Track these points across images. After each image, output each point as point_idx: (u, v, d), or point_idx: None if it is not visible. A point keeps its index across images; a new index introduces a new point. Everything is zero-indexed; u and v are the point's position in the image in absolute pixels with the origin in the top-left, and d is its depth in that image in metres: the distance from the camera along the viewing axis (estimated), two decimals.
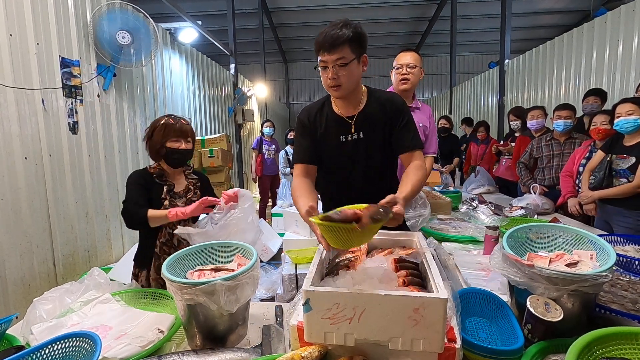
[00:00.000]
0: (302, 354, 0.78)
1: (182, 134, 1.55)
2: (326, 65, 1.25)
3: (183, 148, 1.55)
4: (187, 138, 1.57)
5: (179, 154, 1.55)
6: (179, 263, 1.08)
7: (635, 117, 2.07)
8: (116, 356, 0.91)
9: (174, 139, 1.53)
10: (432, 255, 0.99)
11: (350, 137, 1.38)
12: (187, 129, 1.57)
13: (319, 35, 1.24)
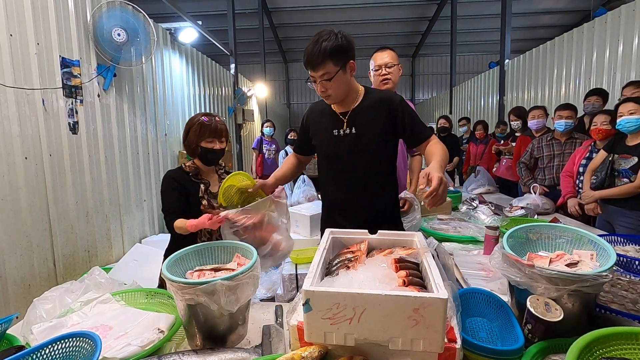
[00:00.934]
0: (302, 354, 0.78)
1: (216, 134, 1.56)
2: (314, 79, 1.33)
3: (217, 148, 1.57)
4: (221, 138, 1.58)
5: (213, 153, 1.57)
6: (178, 263, 1.08)
7: (638, 116, 2.06)
8: (116, 356, 0.91)
9: (208, 139, 1.55)
10: (432, 255, 0.99)
11: (343, 132, 1.44)
12: (221, 129, 1.58)
13: (304, 52, 1.30)
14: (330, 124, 1.46)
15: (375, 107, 1.43)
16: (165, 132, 4.13)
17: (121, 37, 2.89)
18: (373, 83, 2.13)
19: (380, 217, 1.50)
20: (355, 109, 1.43)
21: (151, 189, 3.77)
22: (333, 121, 1.46)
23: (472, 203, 2.63)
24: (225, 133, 1.61)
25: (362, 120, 1.42)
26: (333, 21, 9.92)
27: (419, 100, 13.88)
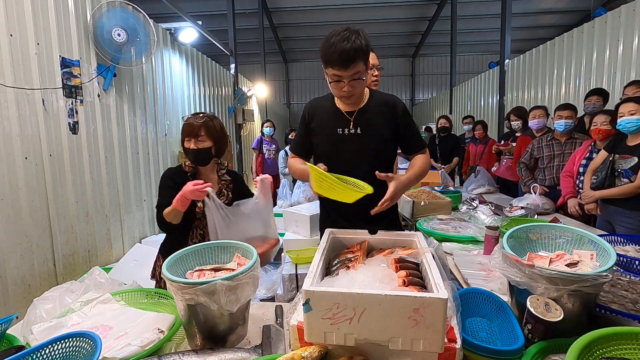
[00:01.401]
0: (302, 354, 0.78)
1: (192, 133, 1.50)
2: (340, 79, 1.27)
3: (192, 148, 1.51)
4: (198, 137, 1.51)
5: (189, 153, 1.53)
6: (178, 263, 1.08)
7: (638, 116, 2.06)
8: (116, 356, 0.91)
9: (186, 139, 1.52)
10: (432, 255, 0.99)
11: (348, 131, 1.42)
12: (197, 127, 1.50)
13: (327, 48, 1.22)
14: (335, 123, 1.43)
15: (381, 109, 1.44)
16: (165, 132, 4.13)
17: (121, 37, 2.89)
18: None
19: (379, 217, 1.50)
20: (362, 109, 1.42)
21: (151, 189, 3.77)
22: (338, 120, 1.43)
23: (472, 203, 2.64)
24: (205, 130, 1.52)
25: (368, 121, 1.42)
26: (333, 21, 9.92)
27: (419, 100, 13.89)
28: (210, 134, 1.54)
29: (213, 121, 1.56)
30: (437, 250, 1.08)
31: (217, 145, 1.57)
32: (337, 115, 1.43)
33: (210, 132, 1.54)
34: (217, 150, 1.59)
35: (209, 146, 1.54)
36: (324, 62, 1.27)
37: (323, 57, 1.26)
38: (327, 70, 1.28)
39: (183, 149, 1.55)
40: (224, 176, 1.65)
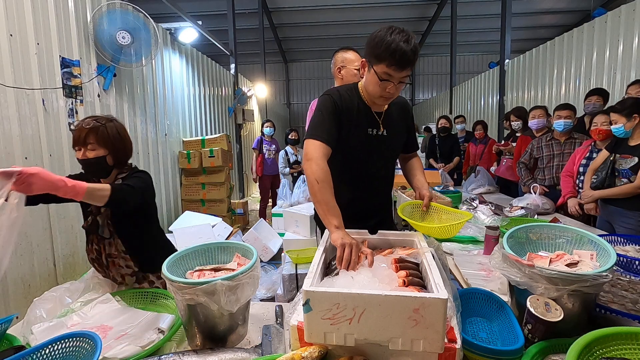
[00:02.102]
0: (302, 354, 0.78)
1: (79, 140, 1.28)
2: (389, 79, 1.20)
3: (80, 157, 1.29)
4: (86, 145, 1.27)
5: (82, 164, 1.31)
6: (178, 263, 1.08)
7: (620, 125, 2.14)
8: (116, 356, 0.91)
9: (76, 148, 1.30)
10: (432, 255, 0.99)
11: (377, 132, 1.38)
12: (82, 133, 1.27)
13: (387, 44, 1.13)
14: (365, 122, 1.36)
15: (400, 111, 1.46)
16: (165, 132, 4.13)
17: (126, 40, 2.90)
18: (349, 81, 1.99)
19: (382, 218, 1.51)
20: (387, 111, 1.40)
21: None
22: (369, 119, 1.36)
23: (472, 203, 2.63)
24: (94, 137, 1.28)
25: (392, 123, 1.42)
26: (333, 21, 9.93)
27: (419, 100, 13.89)
28: (101, 141, 1.29)
29: (106, 125, 1.31)
30: (437, 250, 1.08)
31: (113, 153, 1.33)
32: (368, 115, 1.36)
33: (101, 139, 1.29)
34: (115, 158, 1.35)
35: (102, 155, 1.30)
36: (378, 58, 1.17)
37: (378, 52, 1.15)
38: (378, 68, 1.18)
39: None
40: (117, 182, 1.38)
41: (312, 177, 1.16)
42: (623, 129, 2.13)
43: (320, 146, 1.23)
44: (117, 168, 1.38)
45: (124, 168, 1.41)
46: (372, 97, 1.30)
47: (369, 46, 1.20)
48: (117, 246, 1.37)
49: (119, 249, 1.37)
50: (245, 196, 6.98)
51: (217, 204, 4.46)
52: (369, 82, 1.26)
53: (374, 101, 1.33)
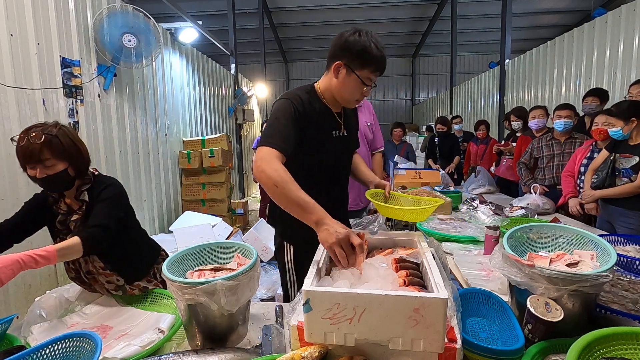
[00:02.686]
0: (302, 354, 0.78)
1: (31, 157, 1.12)
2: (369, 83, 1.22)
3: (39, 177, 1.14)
4: (42, 162, 1.13)
5: (41, 183, 1.18)
6: (179, 263, 1.08)
7: (617, 128, 2.14)
8: (116, 356, 0.92)
9: (29, 166, 1.15)
10: (432, 255, 0.99)
11: (339, 134, 1.35)
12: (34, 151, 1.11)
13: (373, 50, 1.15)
14: (329, 124, 1.33)
15: (352, 110, 1.45)
16: (165, 132, 4.13)
17: (132, 43, 2.92)
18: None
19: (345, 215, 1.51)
20: (344, 110, 1.39)
21: (151, 189, 3.78)
22: (332, 121, 1.34)
23: (472, 203, 2.63)
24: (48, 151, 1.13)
25: (350, 123, 1.42)
26: (333, 21, 9.92)
27: (419, 100, 13.89)
28: (58, 155, 1.15)
29: (58, 135, 1.16)
30: (437, 250, 1.08)
31: (73, 164, 1.20)
32: (330, 117, 1.33)
33: (57, 152, 1.15)
34: (76, 169, 1.22)
35: (62, 169, 1.17)
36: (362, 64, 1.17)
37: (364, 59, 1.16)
38: (362, 73, 1.18)
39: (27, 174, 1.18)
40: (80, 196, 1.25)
41: (270, 182, 1.05)
42: (621, 132, 2.14)
43: (272, 152, 1.11)
44: (78, 178, 1.25)
45: (85, 177, 1.27)
46: (347, 100, 1.27)
47: (350, 51, 1.17)
48: (94, 263, 1.27)
49: (96, 265, 1.27)
50: (245, 196, 6.98)
51: (217, 204, 4.46)
52: (345, 86, 1.22)
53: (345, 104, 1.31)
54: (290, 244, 1.39)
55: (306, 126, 1.23)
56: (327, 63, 1.25)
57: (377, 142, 2.34)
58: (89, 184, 1.26)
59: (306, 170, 1.25)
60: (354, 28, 1.20)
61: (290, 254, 1.39)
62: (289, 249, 1.39)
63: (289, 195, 1.03)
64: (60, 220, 1.25)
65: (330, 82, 1.26)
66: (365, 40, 1.16)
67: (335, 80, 1.24)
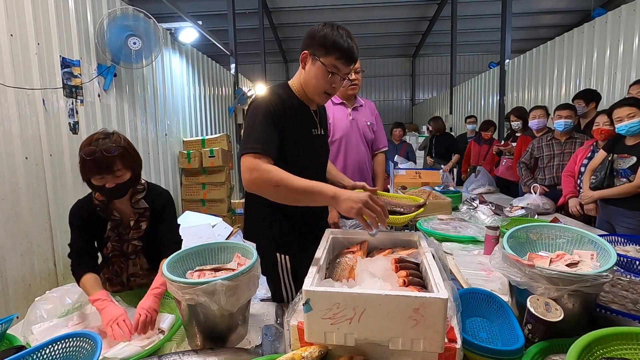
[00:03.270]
0: (303, 354, 0.78)
1: (103, 168, 1.17)
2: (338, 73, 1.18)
3: (109, 186, 1.19)
4: (113, 172, 1.18)
5: (105, 192, 1.22)
6: (179, 263, 1.08)
7: (638, 119, 2.07)
8: (116, 356, 0.92)
9: (97, 177, 1.18)
10: (432, 255, 0.99)
11: (317, 132, 1.32)
12: (108, 163, 1.16)
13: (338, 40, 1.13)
14: (309, 123, 1.27)
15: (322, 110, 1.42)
16: (165, 132, 4.13)
17: (137, 45, 2.94)
18: None
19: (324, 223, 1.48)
20: (319, 108, 1.36)
21: None
22: (310, 119, 1.28)
23: (472, 203, 2.63)
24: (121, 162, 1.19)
25: (323, 121, 1.39)
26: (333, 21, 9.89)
27: (419, 100, 13.88)
28: (127, 165, 1.22)
29: (127, 147, 1.23)
30: (437, 250, 1.08)
31: (134, 172, 1.26)
32: (308, 115, 1.28)
33: (127, 162, 1.22)
34: (136, 177, 1.28)
35: (129, 178, 1.24)
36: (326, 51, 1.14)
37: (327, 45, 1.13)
38: (327, 60, 1.14)
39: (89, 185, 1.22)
40: (139, 204, 1.30)
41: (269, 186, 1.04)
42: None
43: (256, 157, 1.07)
44: (134, 185, 1.30)
45: (139, 185, 1.33)
46: (314, 91, 1.21)
47: (313, 40, 1.16)
48: (142, 265, 1.35)
49: (143, 267, 1.35)
50: None
51: (217, 204, 4.46)
52: (312, 76, 1.18)
53: (314, 97, 1.24)
54: (285, 254, 1.30)
55: (286, 125, 1.18)
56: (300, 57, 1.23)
57: (380, 141, 2.29)
58: (144, 192, 1.32)
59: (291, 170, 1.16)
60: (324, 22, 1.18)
61: (287, 265, 1.30)
62: (284, 260, 1.30)
63: (292, 188, 1.03)
64: (112, 226, 1.29)
65: (300, 75, 1.24)
66: (330, 30, 1.15)
67: (303, 71, 1.22)
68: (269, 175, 1.04)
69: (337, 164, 2.15)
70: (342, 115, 2.13)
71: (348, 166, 2.16)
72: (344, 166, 2.16)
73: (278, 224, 1.07)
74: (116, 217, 1.30)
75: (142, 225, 1.31)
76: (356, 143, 2.15)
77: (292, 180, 1.03)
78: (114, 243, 1.30)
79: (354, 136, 2.14)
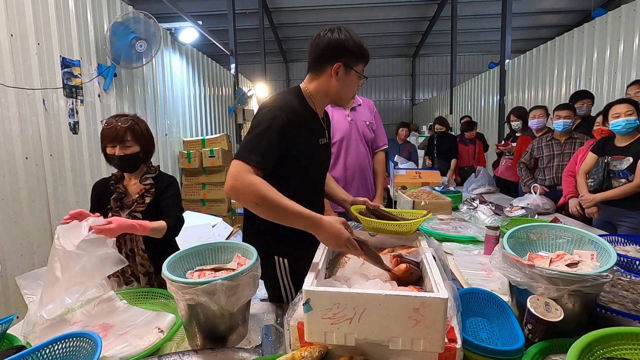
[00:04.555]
0: (303, 354, 0.78)
1: (115, 138, 1.38)
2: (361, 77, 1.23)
3: (118, 154, 1.39)
4: (124, 142, 1.39)
5: (115, 160, 1.42)
6: (179, 263, 1.08)
7: (635, 117, 2.09)
8: (116, 356, 0.92)
9: (110, 145, 1.40)
10: (432, 255, 0.99)
11: (324, 141, 1.29)
12: (119, 131, 1.38)
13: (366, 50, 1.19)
14: (316, 131, 1.25)
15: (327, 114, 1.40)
16: (165, 132, 4.14)
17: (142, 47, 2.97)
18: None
19: None
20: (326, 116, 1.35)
21: None
22: (318, 127, 1.26)
23: (472, 203, 2.63)
24: (131, 134, 1.40)
25: (329, 127, 1.38)
26: (333, 21, 9.91)
27: (419, 100, 13.89)
28: (137, 138, 1.42)
29: (139, 124, 1.45)
30: (438, 250, 1.08)
31: (144, 148, 1.46)
32: (317, 122, 1.25)
33: (137, 136, 1.42)
34: (145, 154, 1.48)
35: (137, 151, 1.43)
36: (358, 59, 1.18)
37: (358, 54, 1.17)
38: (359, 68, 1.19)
39: (105, 155, 1.44)
40: (147, 180, 1.48)
41: (250, 202, 1.00)
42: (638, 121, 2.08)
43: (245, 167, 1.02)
44: (144, 163, 1.49)
45: (150, 165, 1.52)
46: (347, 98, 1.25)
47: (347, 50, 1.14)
48: (139, 243, 1.42)
49: (139, 246, 1.42)
50: None
51: (217, 204, 4.46)
52: (346, 85, 1.19)
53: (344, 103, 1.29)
54: (284, 257, 1.28)
55: (295, 135, 1.14)
56: (318, 66, 1.18)
57: (380, 140, 2.28)
58: (154, 174, 1.49)
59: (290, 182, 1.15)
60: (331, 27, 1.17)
61: (285, 267, 1.29)
62: (282, 262, 1.29)
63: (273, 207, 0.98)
64: (116, 197, 1.44)
65: (327, 85, 1.19)
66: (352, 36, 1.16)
67: (335, 82, 1.18)
68: (251, 188, 0.98)
69: (338, 165, 2.15)
70: (341, 117, 2.13)
71: (349, 167, 2.16)
72: (345, 167, 2.15)
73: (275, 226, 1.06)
74: (120, 189, 1.46)
75: (146, 199, 1.43)
76: (356, 144, 2.14)
77: (272, 202, 0.98)
78: (114, 213, 1.42)
79: (354, 137, 2.13)
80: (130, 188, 1.49)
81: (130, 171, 1.48)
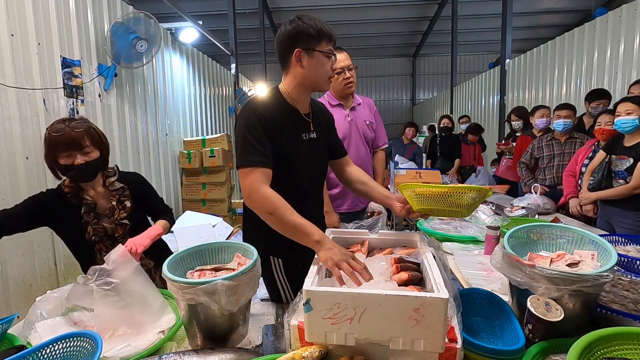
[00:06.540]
0: (303, 354, 0.78)
1: (72, 145, 1.21)
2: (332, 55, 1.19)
3: (78, 163, 1.22)
4: (82, 149, 1.23)
5: (76, 171, 1.24)
6: (179, 263, 1.08)
7: (634, 116, 2.07)
8: (116, 356, 0.92)
9: (65, 155, 1.22)
10: (432, 255, 0.99)
11: (308, 136, 1.27)
12: (76, 139, 1.21)
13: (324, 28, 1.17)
14: (297, 126, 1.24)
15: (322, 110, 1.39)
16: (165, 132, 4.14)
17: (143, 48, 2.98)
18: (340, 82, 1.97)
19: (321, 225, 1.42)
20: (313, 111, 1.31)
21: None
22: (300, 123, 1.25)
23: None
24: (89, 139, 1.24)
25: (319, 124, 1.34)
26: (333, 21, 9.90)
27: (420, 100, 13.88)
28: (95, 143, 1.28)
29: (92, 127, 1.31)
30: (438, 250, 1.08)
31: (103, 153, 1.33)
32: (298, 118, 1.25)
33: (94, 141, 1.28)
34: (105, 159, 1.34)
35: (98, 157, 1.29)
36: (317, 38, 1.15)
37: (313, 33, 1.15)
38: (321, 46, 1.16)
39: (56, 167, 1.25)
40: (114, 185, 1.35)
41: (263, 212, 1.08)
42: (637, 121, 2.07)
43: (256, 173, 1.09)
44: (102, 169, 1.37)
45: (108, 169, 1.40)
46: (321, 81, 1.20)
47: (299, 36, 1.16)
48: None
49: None
50: None
51: (217, 204, 4.46)
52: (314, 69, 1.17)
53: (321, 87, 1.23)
54: (279, 257, 1.31)
55: (274, 131, 1.16)
56: (284, 61, 1.21)
57: (380, 139, 2.28)
58: (115, 175, 1.39)
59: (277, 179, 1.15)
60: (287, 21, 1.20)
61: (280, 267, 1.31)
62: (277, 262, 1.31)
63: (284, 219, 1.05)
64: (86, 210, 1.31)
65: (296, 76, 1.20)
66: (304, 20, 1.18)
67: (301, 69, 1.18)
68: (266, 201, 1.07)
69: None
70: (340, 117, 2.13)
71: None
72: None
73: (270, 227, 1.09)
74: (89, 200, 1.32)
75: (126, 203, 1.36)
76: (356, 144, 2.14)
77: (285, 213, 1.05)
78: (94, 226, 1.32)
79: (354, 137, 2.13)
80: (96, 197, 1.35)
81: (89, 180, 1.31)
